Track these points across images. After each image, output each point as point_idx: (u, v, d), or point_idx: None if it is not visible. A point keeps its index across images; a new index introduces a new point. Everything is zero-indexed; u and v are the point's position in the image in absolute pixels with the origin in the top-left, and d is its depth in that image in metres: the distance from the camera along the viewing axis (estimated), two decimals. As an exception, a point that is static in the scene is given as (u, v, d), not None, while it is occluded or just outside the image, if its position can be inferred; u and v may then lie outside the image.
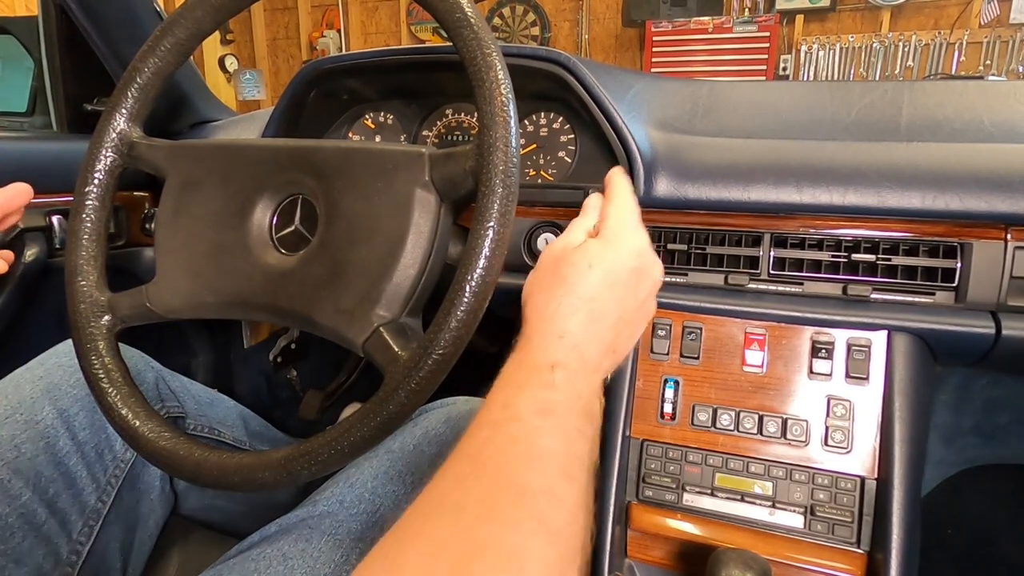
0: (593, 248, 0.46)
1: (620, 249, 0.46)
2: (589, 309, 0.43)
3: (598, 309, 0.43)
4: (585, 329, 0.42)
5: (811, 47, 3.81)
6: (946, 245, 0.66)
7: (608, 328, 0.44)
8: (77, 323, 0.58)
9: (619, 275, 0.45)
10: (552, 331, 0.42)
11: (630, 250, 0.47)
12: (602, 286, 0.44)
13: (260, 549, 0.54)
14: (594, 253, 0.45)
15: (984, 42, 3.55)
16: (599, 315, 0.43)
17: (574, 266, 0.45)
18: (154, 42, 0.60)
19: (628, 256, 0.47)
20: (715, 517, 0.70)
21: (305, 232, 0.55)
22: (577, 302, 0.43)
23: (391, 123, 0.96)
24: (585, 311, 0.43)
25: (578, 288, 0.44)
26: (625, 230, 0.48)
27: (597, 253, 0.45)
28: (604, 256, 0.45)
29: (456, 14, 0.49)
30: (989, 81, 0.94)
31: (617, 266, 0.46)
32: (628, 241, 0.47)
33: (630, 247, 0.47)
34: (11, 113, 1.30)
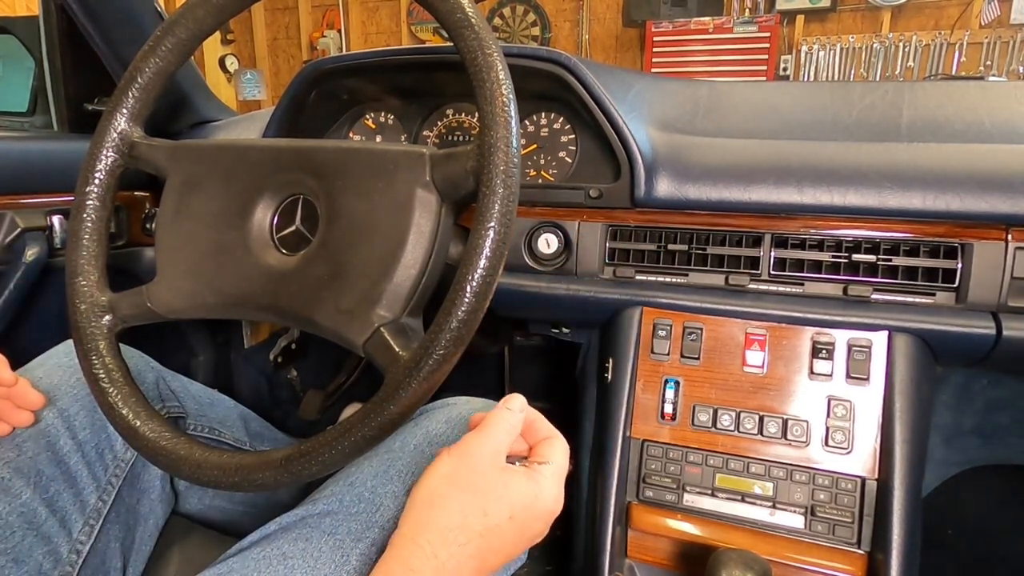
0: (522, 493, 0.45)
1: (542, 512, 0.46)
2: (483, 557, 0.43)
3: (491, 560, 0.44)
4: (468, 571, 0.43)
5: (811, 47, 3.81)
6: (947, 246, 0.66)
7: (489, 573, 0.44)
8: (78, 323, 0.58)
9: (526, 534, 0.46)
10: (447, 568, 0.41)
11: (549, 515, 0.47)
12: (508, 541, 0.44)
13: (260, 549, 0.54)
14: (520, 503, 0.45)
15: (984, 43, 3.55)
16: (489, 565, 0.44)
17: (499, 499, 0.44)
18: (155, 42, 0.60)
19: (544, 520, 0.47)
20: (715, 517, 0.70)
21: (306, 232, 0.55)
22: (481, 544, 0.43)
23: (392, 123, 0.96)
24: (480, 558, 0.43)
25: (489, 532, 0.43)
26: (557, 491, 0.47)
27: (523, 505, 0.45)
28: (527, 512, 0.45)
29: (457, 14, 0.49)
30: (989, 82, 0.94)
31: (530, 528, 0.46)
32: (551, 506, 0.47)
33: (550, 510, 0.47)
34: (12, 113, 1.30)
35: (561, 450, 0.49)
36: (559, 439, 0.50)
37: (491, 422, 0.48)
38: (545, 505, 0.46)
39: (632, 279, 0.76)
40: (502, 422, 0.48)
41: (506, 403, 0.49)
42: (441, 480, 0.45)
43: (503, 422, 0.48)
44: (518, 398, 0.50)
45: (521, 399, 0.50)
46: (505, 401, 0.50)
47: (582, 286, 0.77)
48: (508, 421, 0.48)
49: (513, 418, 0.49)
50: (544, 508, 0.46)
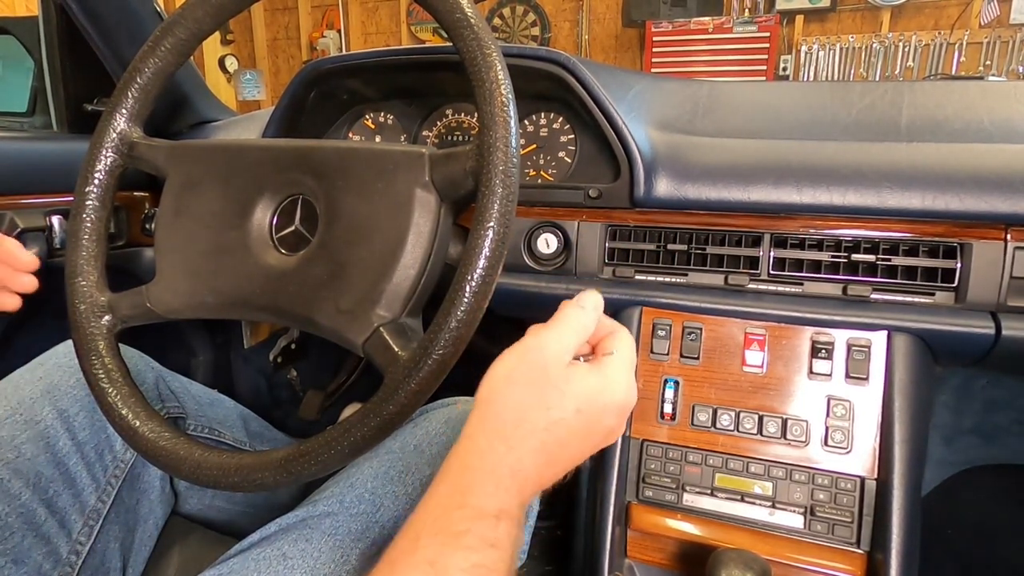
0: (587, 385, 0.42)
1: (611, 404, 0.43)
2: (550, 451, 0.40)
3: (559, 455, 0.41)
4: (539, 471, 0.40)
5: (811, 47, 3.81)
6: (946, 245, 0.66)
7: (558, 471, 0.42)
8: (77, 323, 0.58)
9: (596, 428, 0.42)
10: (508, 461, 0.39)
11: (620, 407, 0.44)
12: (576, 435, 0.41)
13: (260, 549, 0.54)
14: (585, 395, 0.42)
15: (984, 42, 3.55)
16: (557, 459, 0.41)
17: (561, 395, 0.41)
18: (154, 42, 0.60)
19: (615, 413, 0.43)
20: (715, 517, 0.70)
21: (305, 232, 0.55)
22: (546, 438, 0.40)
23: (391, 123, 0.96)
24: (546, 453, 0.40)
25: (554, 426, 0.40)
26: (627, 381, 0.44)
27: (589, 397, 0.42)
28: (593, 404, 0.42)
29: (456, 14, 0.49)
30: (989, 81, 0.94)
31: (599, 422, 0.42)
32: (623, 397, 0.44)
33: (621, 404, 0.43)
34: (11, 113, 1.30)
35: (626, 341, 0.46)
36: (623, 330, 0.46)
37: (561, 319, 0.43)
38: (615, 396, 0.42)
39: (631, 279, 0.76)
40: (573, 321, 0.44)
41: (579, 300, 0.45)
42: (501, 378, 0.41)
43: (574, 321, 0.44)
44: (593, 295, 0.46)
45: (596, 297, 0.46)
46: (579, 298, 0.45)
47: (582, 286, 0.77)
48: (580, 320, 0.44)
49: (585, 317, 0.44)
50: (614, 399, 0.42)
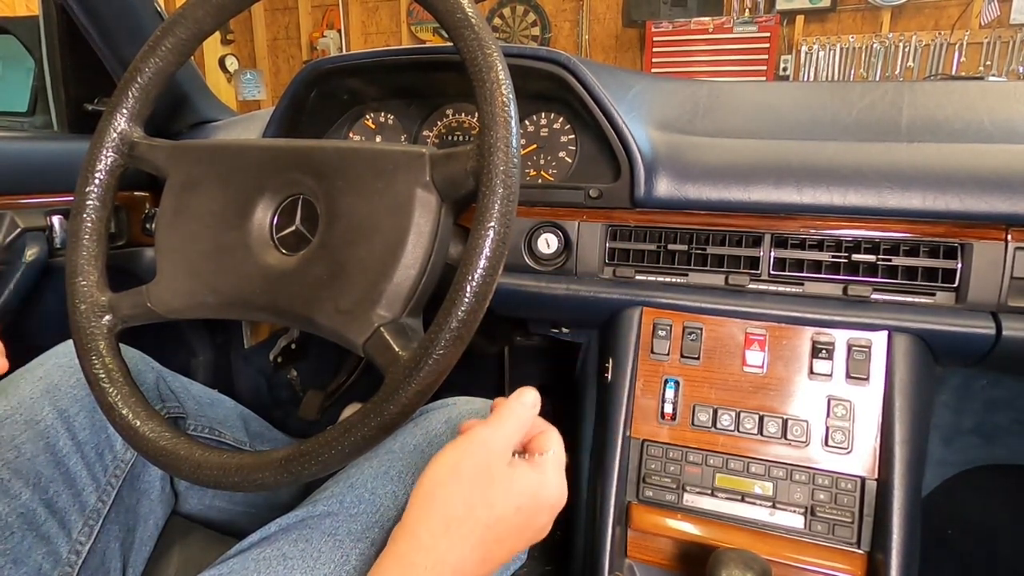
0: (528, 484, 0.44)
1: (546, 503, 0.45)
2: (489, 548, 0.42)
3: (496, 551, 0.42)
4: (477, 568, 0.41)
5: (811, 47, 3.81)
6: (946, 246, 0.66)
7: (493, 567, 0.43)
8: (77, 323, 0.58)
9: (531, 525, 0.44)
10: (450, 560, 0.40)
11: (553, 506, 0.46)
12: (514, 532, 0.43)
13: (260, 549, 0.54)
14: (526, 494, 0.43)
15: (984, 43, 3.55)
16: (494, 556, 0.42)
17: (505, 492, 0.43)
18: (155, 42, 0.60)
19: (548, 511, 0.45)
20: (715, 517, 0.70)
21: (306, 232, 0.55)
22: (486, 535, 0.41)
23: (392, 123, 0.96)
24: (485, 549, 0.42)
25: (496, 523, 0.42)
26: (561, 481, 0.46)
27: (529, 495, 0.44)
28: (532, 503, 0.44)
29: (457, 14, 0.49)
30: (989, 82, 0.94)
31: (535, 519, 0.45)
32: (557, 496, 0.46)
33: (555, 503, 0.46)
34: (12, 113, 1.30)
35: (557, 440, 0.48)
36: (553, 430, 0.49)
37: (504, 414, 0.46)
38: (550, 495, 0.45)
39: (632, 279, 0.76)
40: (514, 416, 0.46)
41: (519, 396, 0.47)
42: (447, 471, 0.43)
43: (515, 416, 0.46)
44: (531, 391, 0.48)
45: (534, 393, 0.48)
46: (518, 394, 0.47)
47: (582, 286, 0.77)
48: (520, 416, 0.46)
49: (525, 413, 0.47)
50: (549, 499, 0.45)
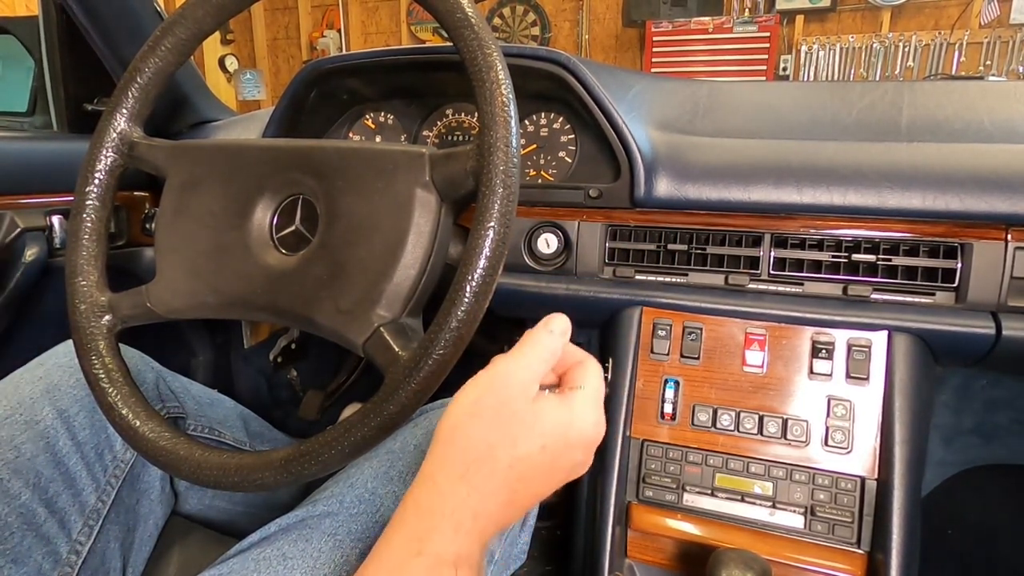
0: (554, 421, 0.40)
1: (577, 440, 0.41)
2: (513, 489, 0.39)
3: (522, 493, 0.39)
4: (501, 512, 0.38)
5: (811, 47, 3.81)
6: (946, 245, 0.66)
7: (520, 509, 0.40)
8: (77, 323, 0.58)
9: (561, 464, 0.41)
10: (470, 504, 0.37)
11: (588, 443, 0.42)
12: (540, 472, 0.40)
13: (260, 549, 0.54)
14: (552, 431, 0.40)
15: (984, 42, 3.55)
16: (520, 498, 0.39)
17: (528, 430, 0.39)
18: (155, 42, 0.60)
19: (582, 448, 0.42)
20: (715, 517, 0.70)
21: (305, 232, 0.55)
22: (509, 475, 0.38)
23: (391, 123, 0.96)
24: (509, 492, 0.38)
25: (518, 463, 0.38)
26: (596, 416, 0.42)
27: (555, 433, 0.40)
28: (560, 441, 0.40)
29: (457, 14, 0.49)
30: (989, 81, 0.94)
31: (565, 457, 0.41)
32: (591, 432, 0.42)
33: (589, 439, 0.42)
34: (11, 113, 1.30)
35: (595, 373, 0.44)
36: (591, 361, 0.45)
37: (528, 345, 0.42)
38: (582, 431, 0.41)
39: (632, 279, 0.76)
40: (540, 346, 0.42)
41: (547, 323, 0.43)
42: (465, 410, 0.39)
43: (541, 346, 0.42)
44: (561, 318, 0.43)
45: (563, 320, 0.43)
46: (546, 321, 0.43)
47: (582, 286, 0.77)
48: (548, 346, 0.42)
49: (553, 342, 0.42)
50: (581, 434, 0.41)
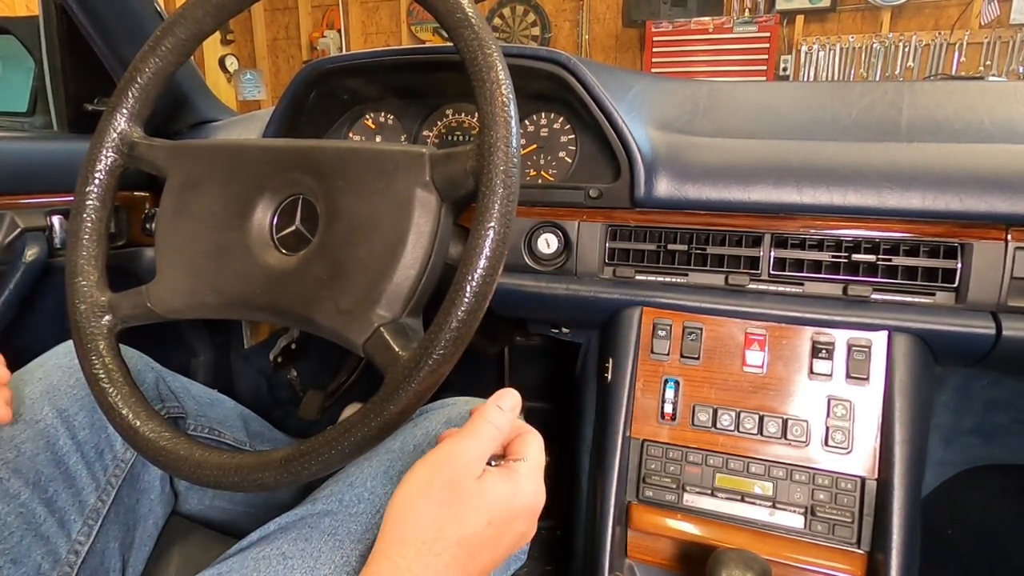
0: (498, 496, 0.42)
1: (520, 511, 0.43)
2: (463, 565, 0.41)
3: (471, 567, 0.41)
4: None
5: (811, 47, 3.81)
6: (946, 245, 0.66)
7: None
8: (77, 323, 0.58)
9: (506, 535, 0.43)
10: (407, 569, 0.40)
11: (529, 513, 0.44)
12: (488, 546, 0.42)
13: (260, 548, 0.54)
14: (497, 506, 0.42)
15: (984, 43, 3.55)
16: (469, 572, 0.41)
17: (475, 509, 0.41)
18: (155, 42, 0.60)
19: (525, 519, 0.44)
20: (715, 517, 0.70)
21: (306, 232, 0.55)
22: (459, 552, 0.40)
23: (391, 123, 0.96)
24: (459, 567, 0.41)
25: (467, 540, 0.41)
26: (536, 487, 0.45)
27: (500, 507, 0.42)
28: (504, 514, 0.42)
29: (457, 14, 0.49)
30: (989, 82, 0.94)
31: (510, 529, 0.43)
32: (532, 503, 0.44)
33: (531, 509, 0.44)
34: (12, 113, 1.30)
35: (536, 445, 0.46)
36: (533, 433, 0.47)
37: (479, 424, 0.44)
38: (524, 502, 0.43)
39: (632, 279, 0.76)
40: (490, 426, 0.44)
41: (498, 400, 0.45)
42: (416, 491, 0.42)
43: (491, 426, 0.44)
44: (511, 394, 0.46)
45: (514, 396, 0.46)
46: (497, 397, 0.46)
47: (582, 286, 0.77)
48: (497, 424, 0.44)
49: (503, 419, 0.45)
50: (523, 506, 0.43)
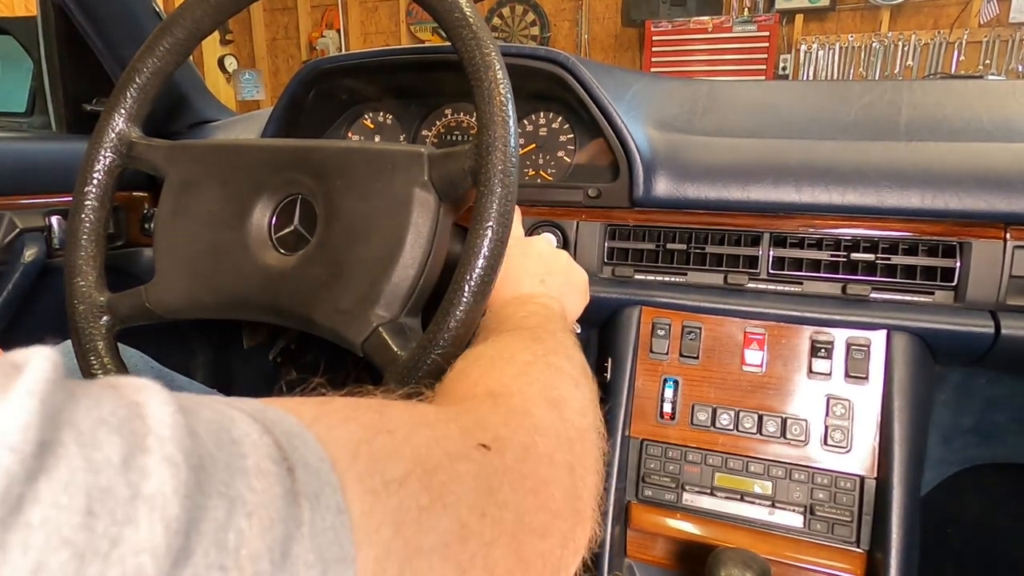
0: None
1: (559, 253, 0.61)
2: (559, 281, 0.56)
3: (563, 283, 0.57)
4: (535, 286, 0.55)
5: (811, 47, 3.81)
6: (945, 244, 0.66)
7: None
8: (76, 323, 0.58)
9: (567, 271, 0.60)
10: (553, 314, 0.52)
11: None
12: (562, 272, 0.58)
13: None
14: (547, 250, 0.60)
15: (983, 41, 3.55)
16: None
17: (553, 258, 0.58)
18: (153, 42, 0.60)
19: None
20: (715, 517, 0.70)
21: (304, 232, 0.55)
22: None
23: (390, 123, 0.96)
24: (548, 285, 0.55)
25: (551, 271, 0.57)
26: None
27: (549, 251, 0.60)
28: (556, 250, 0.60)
29: (455, 14, 0.49)
30: (988, 80, 0.94)
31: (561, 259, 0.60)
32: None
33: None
34: (10, 113, 1.30)
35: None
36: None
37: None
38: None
39: (631, 278, 0.76)
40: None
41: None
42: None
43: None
44: None
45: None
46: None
47: (581, 285, 0.77)
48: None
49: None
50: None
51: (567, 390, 0.41)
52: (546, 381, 0.40)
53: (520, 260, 0.54)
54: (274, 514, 0.20)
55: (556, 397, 0.39)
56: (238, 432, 0.21)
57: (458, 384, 0.40)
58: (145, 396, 0.20)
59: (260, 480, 0.20)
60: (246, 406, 0.24)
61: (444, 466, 0.28)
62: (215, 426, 0.21)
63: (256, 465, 0.21)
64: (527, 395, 0.38)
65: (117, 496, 0.17)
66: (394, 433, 0.27)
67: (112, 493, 0.17)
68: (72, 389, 0.18)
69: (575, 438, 0.37)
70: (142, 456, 0.18)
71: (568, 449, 0.36)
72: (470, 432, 0.31)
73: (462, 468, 0.28)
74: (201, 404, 0.22)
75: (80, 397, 0.18)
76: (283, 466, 0.21)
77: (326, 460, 0.23)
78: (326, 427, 0.25)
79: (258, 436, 0.22)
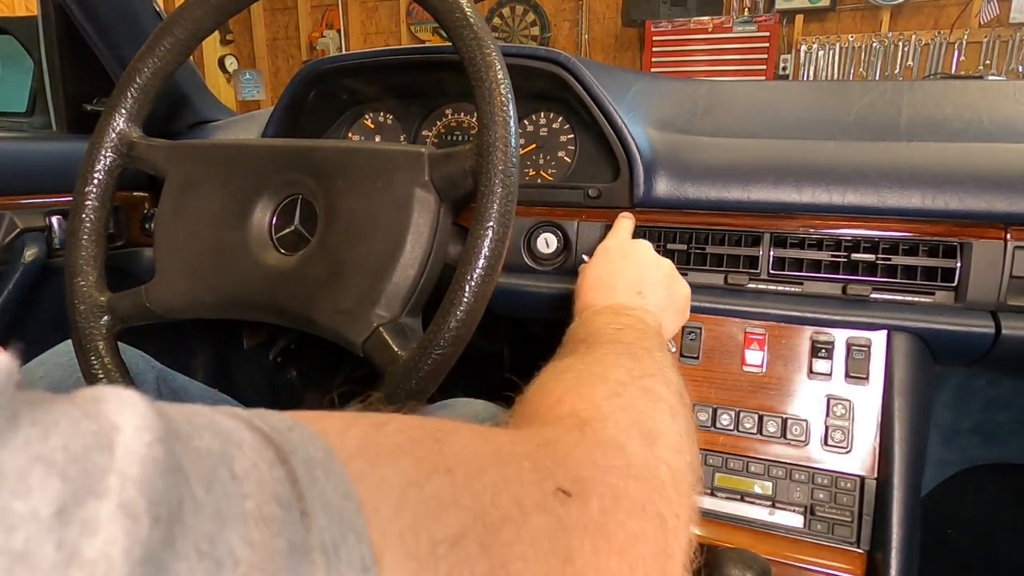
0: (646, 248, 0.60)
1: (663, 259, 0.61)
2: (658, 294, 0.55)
3: (660, 295, 0.55)
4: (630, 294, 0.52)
5: (811, 47, 3.81)
6: (946, 245, 0.66)
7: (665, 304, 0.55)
8: (77, 323, 0.58)
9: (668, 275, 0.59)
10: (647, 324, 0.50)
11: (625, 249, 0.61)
12: (662, 279, 0.57)
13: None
14: (651, 253, 0.60)
15: (984, 42, 3.55)
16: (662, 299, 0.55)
17: (651, 263, 0.58)
18: (153, 42, 0.60)
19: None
20: (715, 517, 0.70)
21: (305, 232, 0.55)
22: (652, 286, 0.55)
23: (391, 123, 0.96)
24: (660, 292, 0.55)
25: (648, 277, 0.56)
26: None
27: (653, 254, 0.60)
28: (660, 259, 0.60)
29: (456, 14, 0.49)
30: (989, 81, 0.94)
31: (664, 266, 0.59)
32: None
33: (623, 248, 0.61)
34: (11, 113, 1.30)
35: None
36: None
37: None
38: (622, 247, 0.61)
39: (631, 279, 0.76)
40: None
41: (624, 216, 0.69)
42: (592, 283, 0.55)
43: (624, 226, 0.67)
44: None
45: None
46: (623, 215, 0.69)
47: (581, 286, 0.77)
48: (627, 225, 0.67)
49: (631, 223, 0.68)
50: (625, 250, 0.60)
51: (664, 421, 0.35)
52: (642, 408, 0.35)
53: (620, 265, 0.52)
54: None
55: (652, 429, 0.34)
56: (241, 465, 0.17)
57: (539, 400, 0.36)
58: (126, 418, 0.15)
59: (261, 530, 0.16)
60: (267, 422, 0.20)
61: (512, 520, 0.23)
62: (211, 459, 0.17)
63: (258, 510, 0.16)
64: (620, 424, 0.33)
65: (36, 564, 0.12)
66: (453, 473, 0.22)
67: (28, 561, 0.12)
68: (16, 411, 0.14)
69: (668, 482, 0.31)
70: (93, 503, 0.13)
71: (661, 496, 0.30)
72: (548, 472, 0.26)
73: (534, 523, 0.23)
74: (203, 427, 0.17)
75: (22, 424, 0.13)
76: (294, 510, 0.17)
77: (352, 498, 0.19)
78: (371, 462, 0.21)
79: (267, 469, 0.17)
